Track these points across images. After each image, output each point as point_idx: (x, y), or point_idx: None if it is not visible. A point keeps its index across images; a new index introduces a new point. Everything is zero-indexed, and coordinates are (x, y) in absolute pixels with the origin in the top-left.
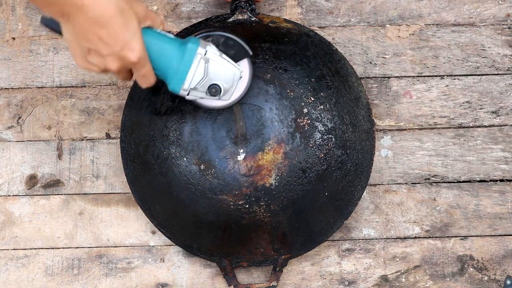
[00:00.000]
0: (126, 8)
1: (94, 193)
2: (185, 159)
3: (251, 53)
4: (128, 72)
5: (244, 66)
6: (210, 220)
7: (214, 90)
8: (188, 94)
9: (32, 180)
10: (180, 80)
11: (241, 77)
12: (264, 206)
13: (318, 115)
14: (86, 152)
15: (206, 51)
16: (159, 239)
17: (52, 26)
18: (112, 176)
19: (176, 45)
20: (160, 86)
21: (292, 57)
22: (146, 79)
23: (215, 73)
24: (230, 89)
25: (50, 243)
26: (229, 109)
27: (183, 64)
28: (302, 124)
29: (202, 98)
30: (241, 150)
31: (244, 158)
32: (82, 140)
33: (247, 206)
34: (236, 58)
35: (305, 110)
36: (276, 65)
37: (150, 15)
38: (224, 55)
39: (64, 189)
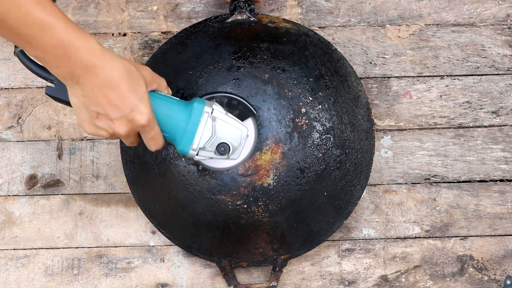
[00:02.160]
0: (134, 71)
1: (94, 193)
2: (183, 159)
3: (255, 112)
4: (136, 136)
5: (249, 125)
6: (209, 220)
7: (222, 149)
8: (197, 154)
9: (32, 180)
10: (188, 140)
11: (247, 136)
12: (262, 206)
13: (316, 115)
14: (86, 152)
15: (213, 109)
16: (159, 239)
17: (57, 95)
18: (112, 176)
19: (183, 106)
20: None
21: (290, 57)
22: (155, 142)
23: (222, 132)
24: (238, 148)
25: (50, 243)
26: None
27: (190, 124)
28: (300, 124)
29: (211, 158)
30: None
31: None
32: (82, 140)
33: (245, 206)
34: (241, 117)
35: (303, 110)
36: (274, 65)
37: (155, 79)
38: (229, 114)
39: (64, 189)
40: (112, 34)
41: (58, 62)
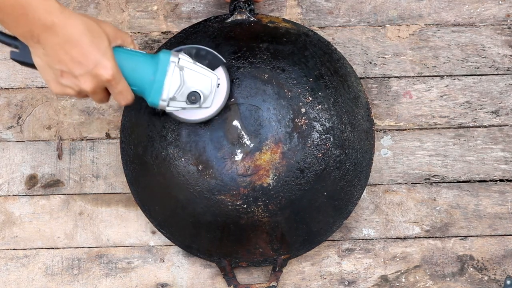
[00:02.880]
0: (94, 27)
1: (94, 193)
2: (183, 159)
3: (224, 60)
4: (104, 92)
5: (221, 74)
6: (209, 221)
7: (193, 97)
8: (168, 105)
9: (32, 180)
10: (157, 91)
11: (219, 85)
12: (262, 206)
13: (316, 115)
14: (86, 152)
15: (179, 58)
16: (159, 239)
17: (22, 59)
18: (112, 176)
19: (149, 59)
20: None
21: (290, 57)
22: (123, 96)
23: (192, 81)
24: (209, 96)
25: (50, 243)
26: (227, 108)
27: (158, 74)
28: (299, 124)
29: (183, 108)
30: (239, 150)
31: (242, 158)
32: (82, 140)
33: (245, 206)
34: (211, 67)
35: (303, 110)
36: (274, 65)
37: (119, 35)
38: (197, 63)
39: (64, 189)
40: None
41: (16, 22)
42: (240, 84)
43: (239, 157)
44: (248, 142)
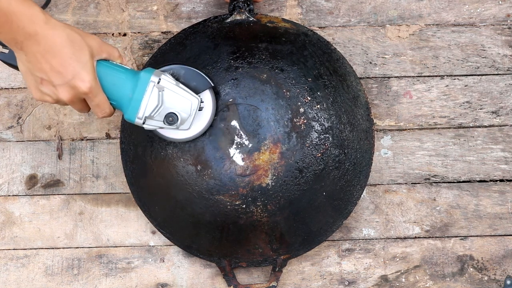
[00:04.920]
0: (77, 39)
1: (94, 193)
2: (181, 159)
3: (212, 84)
4: (82, 103)
5: (207, 97)
6: (208, 221)
7: (171, 119)
8: (144, 123)
9: (32, 180)
10: (134, 109)
11: (202, 108)
12: (261, 206)
13: (315, 115)
14: (86, 152)
15: (160, 79)
16: (159, 239)
17: (9, 61)
18: (112, 176)
19: (130, 75)
20: None
21: (289, 56)
22: (100, 109)
23: (171, 102)
24: (188, 119)
25: (50, 243)
26: (226, 108)
27: (136, 92)
28: (298, 123)
29: (161, 128)
30: (237, 151)
31: (240, 159)
32: (82, 140)
33: (244, 206)
34: (198, 90)
35: (302, 110)
36: (272, 65)
37: (105, 48)
38: (181, 85)
39: (64, 189)
40: (112, 34)
41: (1, 28)
42: (239, 84)
43: (237, 157)
44: (246, 142)
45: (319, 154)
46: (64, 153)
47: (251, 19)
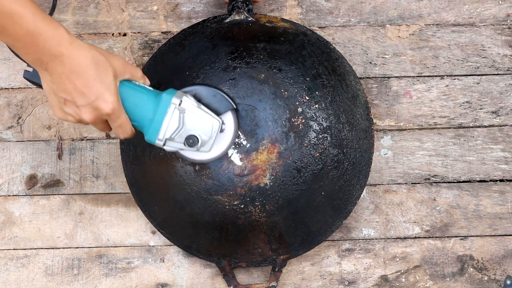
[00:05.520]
0: (102, 61)
1: (94, 193)
2: (180, 160)
3: (234, 106)
4: (104, 123)
5: (228, 119)
6: (206, 221)
7: (191, 141)
8: (164, 144)
9: (32, 180)
10: (155, 130)
11: (223, 130)
12: (259, 206)
13: (313, 114)
14: (86, 152)
15: (181, 101)
16: (159, 239)
17: (33, 80)
18: (112, 176)
19: (152, 97)
20: None
21: (287, 56)
22: (122, 130)
23: (192, 124)
24: (209, 141)
25: (50, 243)
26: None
27: (157, 114)
28: (296, 123)
29: (182, 149)
30: (235, 151)
31: (238, 159)
32: (82, 140)
33: (242, 206)
34: (219, 111)
35: (300, 110)
36: (270, 64)
37: (129, 69)
38: (203, 107)
39: (64, 189)
40: (112, 34)
41: (27, 49)
42: (237, 84)
43: (235, 157)
44: (244, 142)
45: (318, 154)
46: (64, 153)
47: (250, 19)
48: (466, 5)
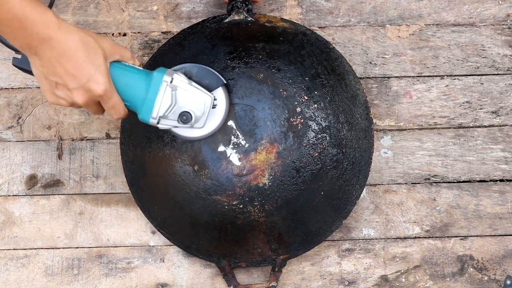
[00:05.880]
0: (91, 42)
1: (94, 193)
2: (179, 160)
3: (224, 81)
4: (97, 105)
5: (220, 95)
6: (206, 221)
7: (185, 117)
8: (158, 123)
9: (32, 180)
10: (148, 109)
11: (215, 106)
12: (258, 206)
13: (312, 114)
14: (86, 152)
15: (172, 78)
16: (159, 239)
17: (23, 66)
18: (112, 176)
19: (143, 76)
20: None
21: (286, 56)
22: (115, 111)
23: (184, 101)
24: (202, 117)
25: (50, 243)
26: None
27: (149, 92)
28: (295, 123)
29: (176, 127)
30: (234, 151)
31: (237, 159)
32: (82, 140)
33: (241, 206)
34: (210, 87)
35: (298, 109)
36: (269, 64)
37: (118, 50)
38: (193, 83)
39: (64, 189)
40: (112, 34)
41: (15, 34)
42: (235, 84)
43: (234, 157)
44: (243, 142)
45: (316, 154)
46: (64, 153)
47: (249, 19)
48: (466, 5)
